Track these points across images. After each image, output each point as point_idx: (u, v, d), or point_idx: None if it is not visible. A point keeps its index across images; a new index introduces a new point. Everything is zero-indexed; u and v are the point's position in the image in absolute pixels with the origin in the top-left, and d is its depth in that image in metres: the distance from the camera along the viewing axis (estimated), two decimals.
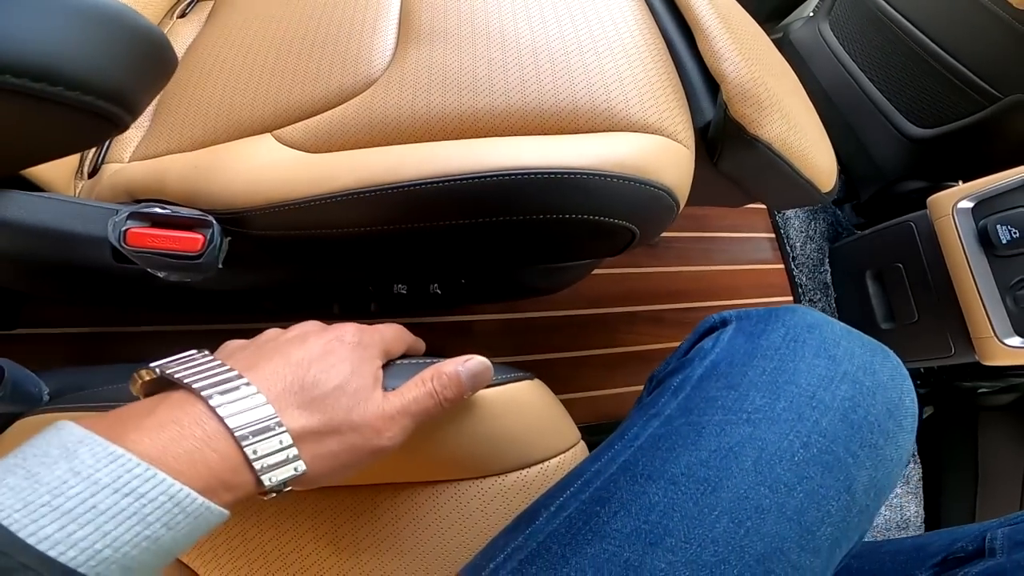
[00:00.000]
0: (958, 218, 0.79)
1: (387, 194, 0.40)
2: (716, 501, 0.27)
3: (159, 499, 0.21)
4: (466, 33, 0.50)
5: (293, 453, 0.25)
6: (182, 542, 0.22)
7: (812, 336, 0.34)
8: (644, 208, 0.43)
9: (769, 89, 0.48)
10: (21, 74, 0.23)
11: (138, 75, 0.28)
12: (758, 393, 0.31)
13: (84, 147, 0.30)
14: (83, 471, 0.20)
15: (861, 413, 0.31)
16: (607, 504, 0.29)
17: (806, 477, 0.28)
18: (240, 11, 0.64)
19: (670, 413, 0.33)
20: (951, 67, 0.92)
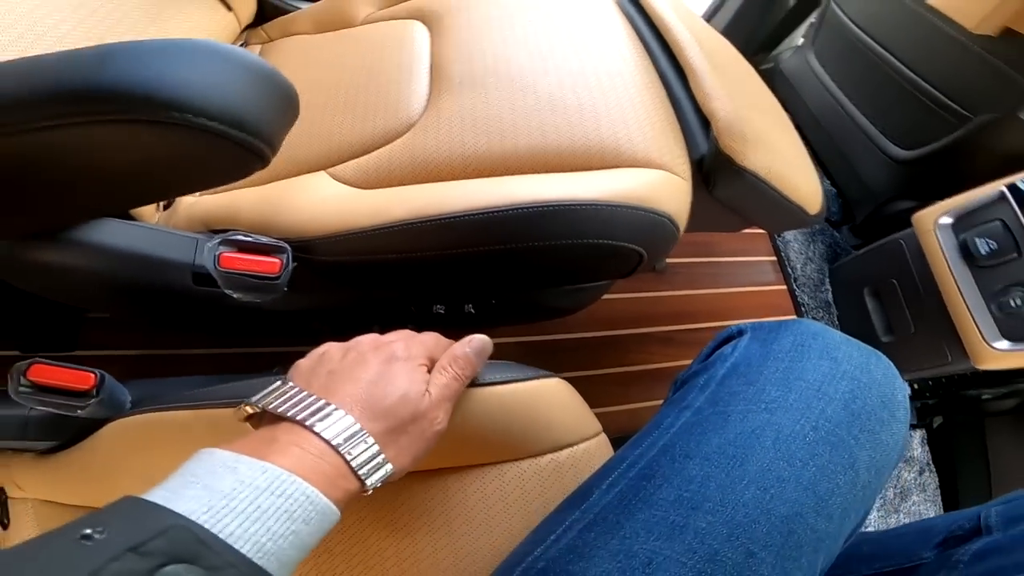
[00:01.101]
0: (940, 234, 0.85)
1: (431, 225, 0.47)
2: (744, 473, 0.32)
3: (300, 498, 0.26)
4: (491, 82, 0.58)
5: (382, 457, 0.30)
6: (314, 537, 0.27)
7: (816, 342, 0.40)
8: (649, 233, 0.50)
9: (752, 123, 0.55)
10: (214, 118, 0.30)
11: (281, 120, 0.36)
12: (773, 387, 0.37)
13: (238, 178, 0.37)
14: (247, 480, 0.25)
15: (860, 404, 0.37)
16: (652, 479, 0.34)
17: (817, 454, 0.34)
18: (286, 57, 0.73)
19: (699, 405, 0.38)
20: (924, 91, 0.99)
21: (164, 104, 0.29)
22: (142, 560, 0.20)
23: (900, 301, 0.96)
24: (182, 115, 0.29)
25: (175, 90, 0.29)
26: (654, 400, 0.99)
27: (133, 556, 0.20)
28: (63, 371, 0.43)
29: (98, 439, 0.46)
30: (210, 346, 0.85)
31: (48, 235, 0.45)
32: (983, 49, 0.88)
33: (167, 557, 0.21)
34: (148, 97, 0.29)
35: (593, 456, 0.44)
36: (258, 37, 0.80)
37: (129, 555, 0.20)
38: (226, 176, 0.38)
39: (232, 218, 0.54)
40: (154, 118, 0.29)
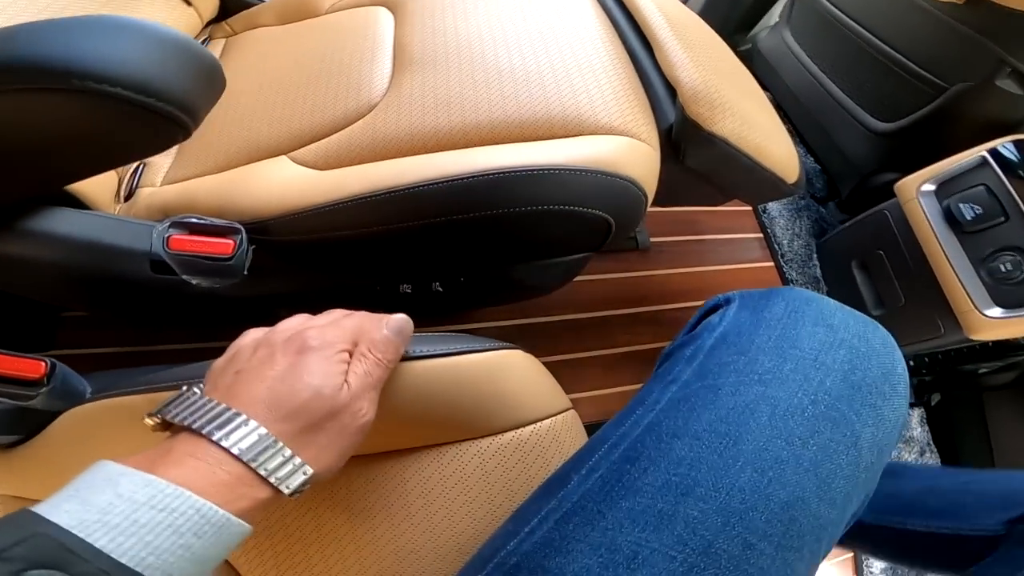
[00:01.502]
0: (923, 201, 0.84)
1: (391, 197, 0.46)
2: (738, 453, 0.29)
3: (187, 512, 0.24)
4: (452, 59, 0.57)
5: (297, 461, 0.28)
6: (212, 551, 0.25)
7: (810, 308, 0.37)
8: (614, 198, 0.49)
9: (720, 91, 0.54)
10: (129, 87, 0.31)
11: (204, 92, 0.35)
12: (766, 357, 0.34)
13: (158, 150, 0.38)
14: (125, 494, 0.24)
15: (860, 375, 0.33)
16: (637, 462, 0.31)
17: (817, 431, 0.30)
18: (250, 49, 0.72)
19: (687, 379, 0.35)
20: (899, 62, 0.98)
21: (63, 72, 0.30)
22: (3, 564, 0.20)
23: (888, 272, 0.95)
24: (82, 82, 0.30)
25: (75, 58, 0.30)
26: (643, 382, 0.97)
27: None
28: (13, 360, 0.42)
29: (54, 429, 0.45)
30: (187, 341, 0.84)
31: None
32: (952, 18, 0.87)
33: (27, 563, 0.20)
34: (47, 65, 0.29)
35: (560, 433, 0.43)
36: (222, 32, 0.79)
37: None
38: (149, 146, 0.38)
39: (190, 205, 0.53)
40: (57, 85, 0.30)
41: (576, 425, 0.46)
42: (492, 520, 0.40)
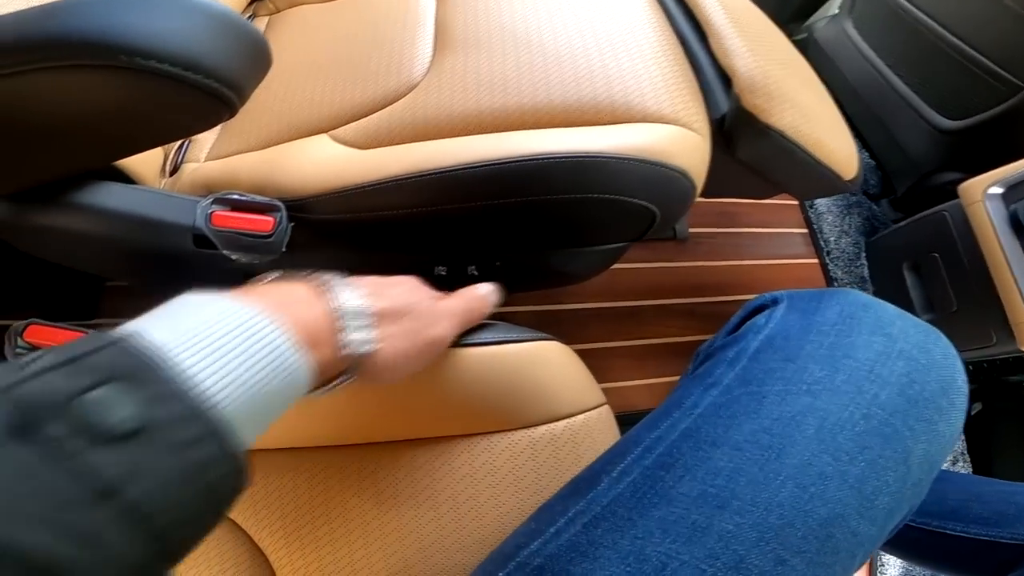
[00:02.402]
0: (989, 204, 0.79)
1: (429, 179, 0.45)
2: (781, 467, 0.28)
3: (271, 345, 0.24)
4: (496, 40, 0.56)
5: (372, 334, 0.30)
6: (274, 399, 0.24)
7: (867, 314, 0.34)
8: (661, 188, 0.47)
9: (779, 81, 0.51)
10: (176, 63, 0.30)
11: (248, 67, 0.35)
12: (817, 366, 0.32)
13: (205, 127, 0.37)
14: (215, 318, 0.23)
15: (917, 389, 0.32)
16: (672, 469, 0.29)
17: (867, 447, 0.29)
18: (294, 26, 0.72)
19: (728, 383, 0.33)
20: (972, 59, 0.92)
21: (110, 47, 0.29)
22: (76, 376, 0.18)
23: (942, 277, 0.91)
24: (130, 59, 0.29)
25: (122, 33, 0.29)
26: (672, 376, 0.96)
27: (67, 369, 0.18)
28: (59, 331, 0.43)
29: None
30: None
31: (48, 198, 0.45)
32: None
33: (106, 375, 0.18)
34: (93, 41, 0.29)
35: (594, 429, 0.42)
36: (266, 9, 0.78)
37: (64, 368, 0.18)
38: (195, 124, 0.37)
39: (233, 181, 0.53)
40: (104, 62, 0.29)
41: (609, 421, 0.45)
42: (519, 514, 0.40)
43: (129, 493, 0.18)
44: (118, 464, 0.18)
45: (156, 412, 0.19)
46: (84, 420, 0.17)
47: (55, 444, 0.17)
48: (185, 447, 0.19)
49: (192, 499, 0.20)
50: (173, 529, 0.19)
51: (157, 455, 0.19)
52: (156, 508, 0.18)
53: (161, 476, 0.19)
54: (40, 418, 0.17)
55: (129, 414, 0.18)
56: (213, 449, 0.20)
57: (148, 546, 0.18)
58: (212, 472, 0.20)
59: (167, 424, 0.19)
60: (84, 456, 0.17)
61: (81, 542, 0.17)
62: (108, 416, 0.18)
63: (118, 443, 0.18)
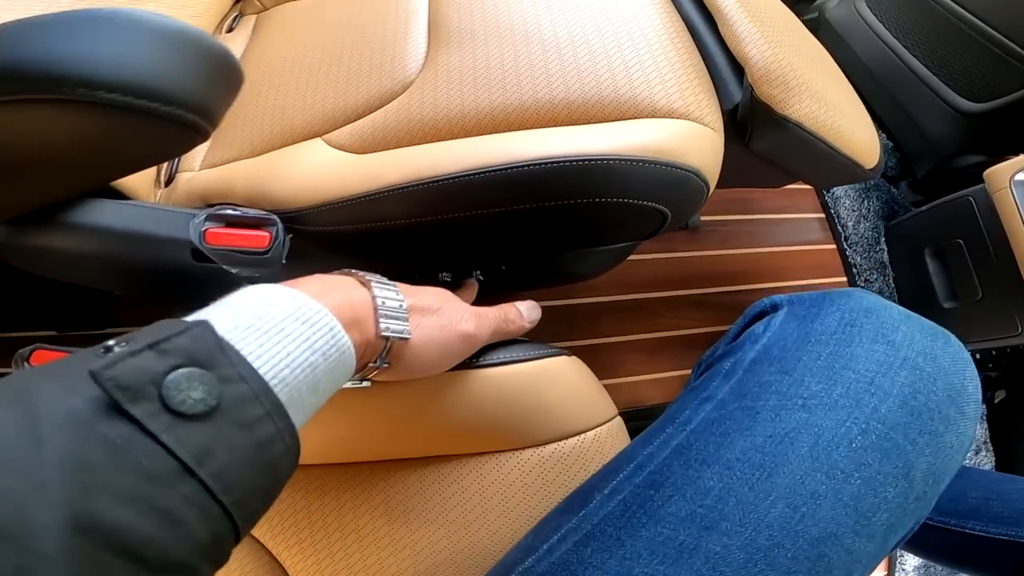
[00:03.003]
0: (1016, 191, 0.76)
1: (429, 188, 0.43)
2: (771, 487, 0.27)
3: (324, 329, 0.26)
4: (492, 33, 0.53)
5: (406, 310, 0.32)
6: (326, 379, 0.26)
7: (869, 321, 0.33)
8: (672, 190, 0.45)
9: (795, 69, 0.48)
10: (127, 93, 0.27)
11: (215, 89, 0.32)
12: (814, 378, 0.31)
13: (173, 156, 0.35)
14: (275, 304, 0.25)
15: (921, 400, 0.30)
16: (661, 488, 0.29)
17: (864, 464, 0.28)
18: (282, 24, 0.69)
19: (723, 397, 0.32)
20: (995, 39, 0.88)
21: (50, 79, 0.26)
22: (158, 359, 0.19)
23: (967, 264, 0.87)
24: (73, 90, 0.26)
25: (63, 62, 0.26)
26: (684, 369, 0.94)
27: (149, 353, 0.19)
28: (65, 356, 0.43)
29: None
30: None
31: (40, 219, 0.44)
32: None
33: (184, 358, 0.20)
34: (30, 73, 0.26)
35: (604, 445, 0.41)
36: (253, 7, 0.76)
37: (146, 352, 0.19)
38: (164, 152, 0.36)
39: (228, 192, 0.52)
40: (48, 95, 0.27)
41: (621, 433, 0.44)
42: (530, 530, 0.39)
43: (205, 469, 0.19)
44: (196, 441, 0.19)
45: (227, 392, 0.20)
46: (168, 399, 0.19)
47: (145, 421, 0.18)
48: (252, 425, 0.21)
49: (257, 476, 0.21)
50: (240, 506, 0.20)
51: (229, 433, 0.20)
52: (227, 484, 0.20)
53: (232, 453, 0.20)
54: (132, 397, 0.18)
55: (204, 394, 0.20)
56: (275, 427, 0.22)
57: (218, 524, 0.20)
58: (274, 449, 0.22)
59: (237, 404, 0.21)
60: (169, 433, 0.19)
61: (161, 520, 0.18)
62: (188, 396, 0.19)
63: (196, 421, 0.19)
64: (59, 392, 0.19)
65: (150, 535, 0.18)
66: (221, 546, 0.21)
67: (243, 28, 0.73)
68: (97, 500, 0.17)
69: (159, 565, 0.18)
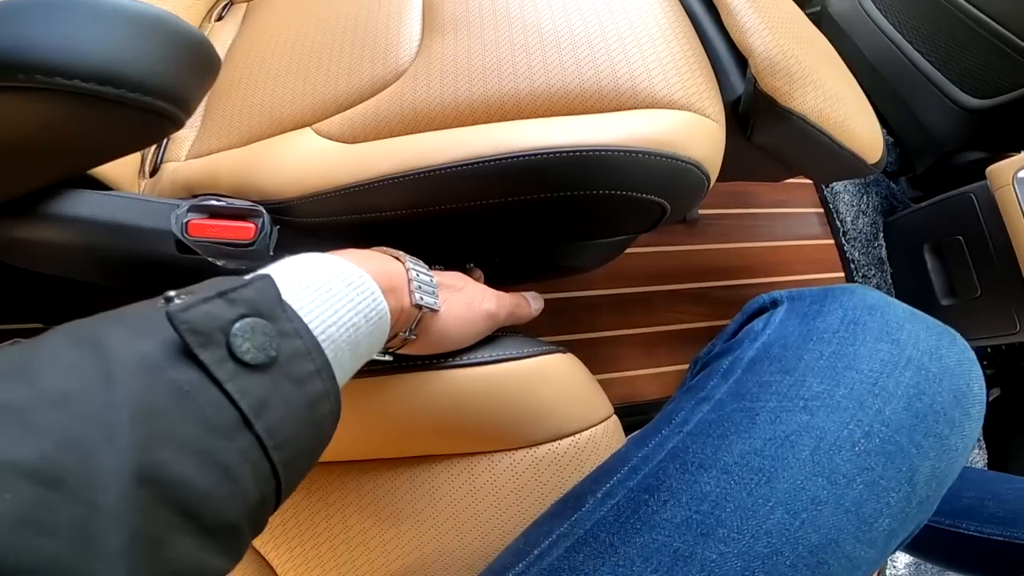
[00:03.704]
0: (1019, 188, 0.75)
1: (421, 178, 0.42)
2: (771, 492, 0.26)
3: (366, 291, 0.27)
4: (488, 20, 0.51)
5: (435, 285, 0.34)
6: (365, 342, 0.27)
7: (873, 318, 0.32)
8: (672, 182, 0.43)
9: (800, 61, 0.47)
10: (89, 79, 0.26)
11: (187, 75, 0.30)
12: (816, 379, 0.30)
13: (147, 144, 0.34)
14: (322, 266, 0.26)
15: (927, 401, 0.29)
16: (656, 493, 0.28)
17: (867, 468, 0.27)
18: (273, 12, 0.67)
19: (720, 397, 0.31)
20: (999, 35, 0.87)
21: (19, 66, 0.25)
22: (227, 307, 0.20)
23: (966, 260, 0.87)
24: (29, 76, 0.25)
25: (17, 48, 0.25)
26: (682, 364, 0.93)
27: (219, 301, 0.20)
28: None
29: None
30: None
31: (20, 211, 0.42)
32: None
33: (249, 308, 0.20)
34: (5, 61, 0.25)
35: (599, 446, 0.40)
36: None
37: (216, 300, 0.20)
38: (135, 141, 0.34)
39: (213, 182, 0.50)
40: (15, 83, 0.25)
41: (616, 433, 0.43)
42: None
43: (262, 422, 0.19)
44: (255, 392, 0.19)
45: (284, 346, 0.21)
46: (233, 347, 0.19)
47: (213, 368, 0.19)
48: (304, 382, 0.21)
49: (304, 435, 0.21)
50: (286, 466, 0.21)
51: (284, 387, 0.20)
52: (279, 440, 0.20)
53: (286, 408, 0.20)
54: (202, 342, 0.19)
55: (265, 345, 0.20)
56: (323, 386, 0.22)
57: (266, 484, 0.20)
58: (321, 408, 0.22)
59: (291, 358, 0.21)
60: (233, 382, 0.19)
61: (219, 475, 0.18)
62: (252, 345, 0.20)
63: (256, 372, 0.20)
64: (128, 336, 0.19)
65: (207, 491, 0.17)
66: (264, 509, 0.21)
67: (233, 16, 0.72)
68: (163, 450, 0.17)
69: (211, 525, 0.18)
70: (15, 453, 0.15)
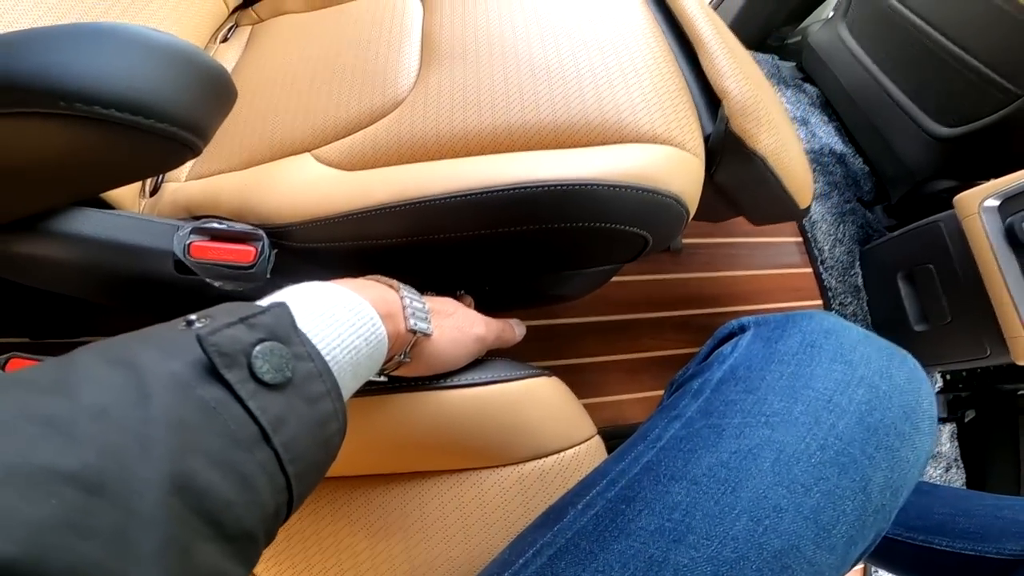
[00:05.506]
0: (985, 217, 0.78)
1: (416, 208, 0.44)
2: (736, 500, 0.28)
3: (366, 317, 0.29)
4: (483, 54, 0.54)
5: (427, 311, 0.37)
6: (365, 364, 0.29)
7: (829, 341, 0.35)
8: (654, 215, 0.46)
9: (764, 105, 0.50)
10: (123, 108, 0.28)
11: (209, 106, 0.33)
12: (776, 397, 0.32)
13: (165, 170, 0.35)
14: (326, 294, 0.29)
15: (877, 416, 0.32)
16: (632, 503, 0.30)
17: (823, 478, 0.29)
18: (277, 37, 0.70)
19: (691, 415, 0.34)
20: (968, 64, 0.91)
21: (48, 93, 0.27)
22: (249, 331, 0.22)
23: (936, 288, 0.90)
24: (70, 104, 0.27)
25: (61, 77, 0.26)
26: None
27: (242, 326, 0.22)
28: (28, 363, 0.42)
29: None
30: None
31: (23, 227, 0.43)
32: None
33: (268, 333, 0.22)
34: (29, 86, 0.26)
35: (583, 463, 0.41)
36: (248, 18, 0.77)
37: (239, 325, 0.22)
38: (156, 167, 0.36)
39: (214, 204, 0.52)
40: (44, 109, 0.27)
41: (599, 451, 0.44)
42: None
43: (279, 437, 0.21)
44: (273, 410, 0.21)
45: (299, 368, 0.23)
46: (254, 368, 0.21)
47: (236, 387, 0.20)
48: (316, 401, 0.23)
49: (316, 450, 0.23)
50: (299, 479, 0.22)
51: (298, 406, 0.22)
52: (294, 454, 0.22)
53: (300, 425, 0.22)
54: (227, 363, 0.21)
55: (282, 367, 0.22)
56: (333, 406, 0.24)
57: (280, 495, 0.22)
58: (330, 426, 0.24)
59: (305, 379, 0.23)
60: (254, 400, 0.21)
61: (241, 485, 0.20)
62: (270, 366, 0.22)
63: (274, 391, 0.22)
64: (159, 356, 0.20)
65: (230, 499, 0.19)
66: (277, 520, 0.22)
67: (238, 39, 0.74)
68: (194, 460, 0.18)
69: (232, 533, 0.19)
70: (60, 461, 0.16)
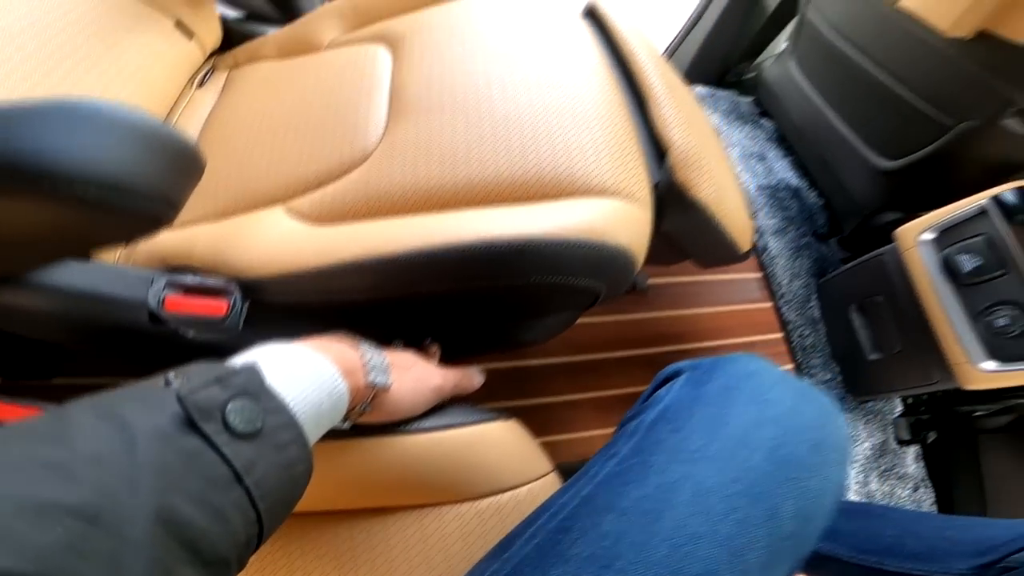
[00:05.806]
0: (922, 250, 0.82)
1: (380, 264, 0.46)
2: (658, 529, 0.32)
3: (327, 374, 0.33)
4: (447, 107, 0.57)
5: (387, 365, 0.40)
6: (327, 416, 0.32)
7: (747, 384, 0.39)
8: (603, 267, 0.48)
9: (704, 155, 0.54)
10: (101, 188, 0.30)
11: (180, 182, 0.35)
12: (698, 435, 0.36)
13: (138, 239, 0.38)
14: (290, 355, 0.32)
15: (787, 451, 0.35)
16: (569, 532, 0.33)
17: (735, 508, 0.32)
18: (252, 83, 0.72)
19: (625, 453, 0.37)
20: (904, 99, 0.95)
21: (36, 175, 0.29)
22: (222, 390, 0.25)
23: (886, 318, 0.94)
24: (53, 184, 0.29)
25: (52, 162, 0.29)
26: None
27: (216, 387, 0.25)
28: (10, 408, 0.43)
29: None
30: None
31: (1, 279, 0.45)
32: (959, 53, 0.86)
33: (240, 391, 0.26)
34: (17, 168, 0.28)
35: (537, 497, 0.44)
36: (226, 63, 0.80)
37: (214, 385, 0.25)
38: (129, 236, 0.38)
39: (188, 254, 0.54)
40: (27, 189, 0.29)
41: (554, 486, 0.47)
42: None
43: (251, 478, 0.24)
44: (245, 455, 0.25)
45: (268, 420, 0.26)
46: (228, 421, 0.25)
47: (212, 437, 0.24)
48: (284, 447, 0.27)
49: (283, 489, 0.27)
50: (269, 514, 0.25)
51: (268, 451, 0.26)
52: (264, 492, 0.25)
53: (269, 468, 0.26)
54: (204, 417, 0.24)
55: (253, 419, 0.26)
56: (299, 451, 0.28)
57: (252, 528, 0.25)
58: (297, 468, 0.28)
59: (274, 430, 0.27)
60: (228, 447, 0.24)
61: (216, 518, 0.23)
62: (242, 419, 0.25)
63: (246, 440, 0.25)
64: (144, 411, 0.24)
65: (207, 530, 0.22)
66: (248, 549, 0.25)
67: (214, 83, 0.77)
68: (175, 497, 0.22)
69: (208, 558, 0.22)
70: (63, 497, 0.19)
